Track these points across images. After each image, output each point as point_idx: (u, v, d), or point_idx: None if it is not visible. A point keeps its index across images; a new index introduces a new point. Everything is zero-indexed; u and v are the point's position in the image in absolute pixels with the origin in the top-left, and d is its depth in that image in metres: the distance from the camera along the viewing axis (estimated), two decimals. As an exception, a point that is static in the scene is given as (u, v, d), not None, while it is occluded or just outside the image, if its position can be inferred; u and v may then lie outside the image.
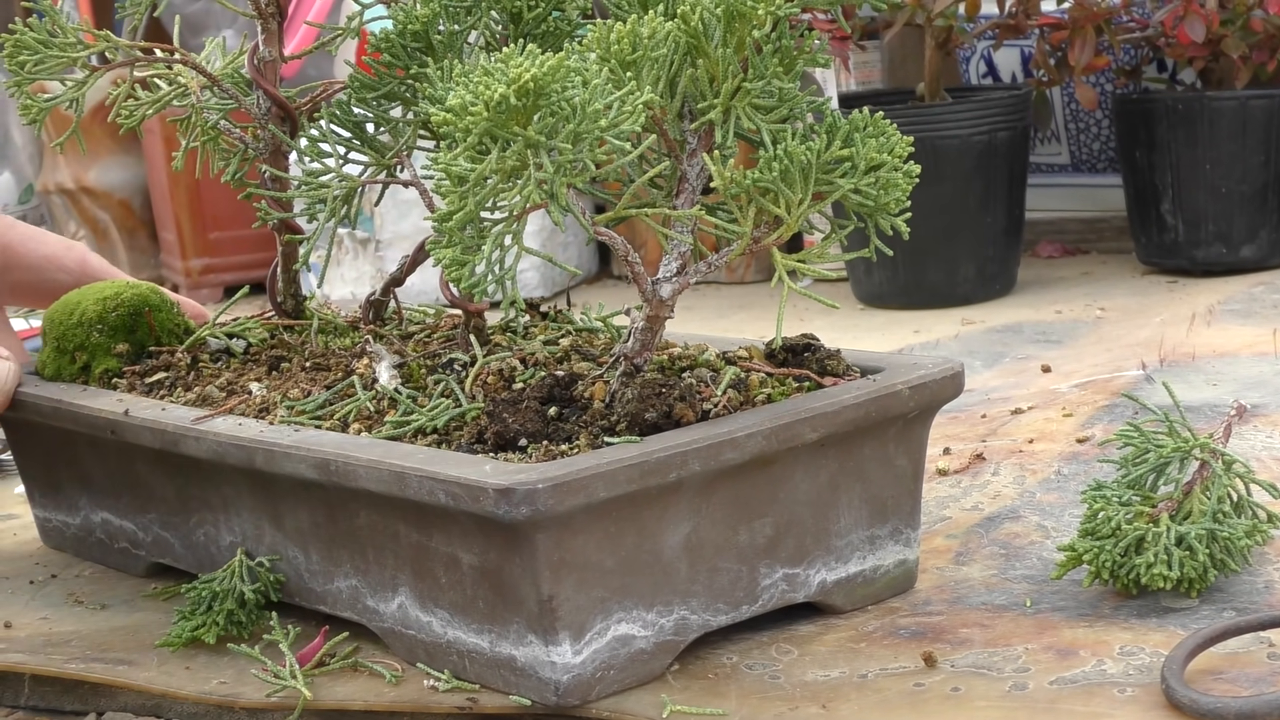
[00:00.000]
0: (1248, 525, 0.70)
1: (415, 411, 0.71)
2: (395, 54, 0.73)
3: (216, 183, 0.84)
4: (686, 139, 0.64)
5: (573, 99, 0.58)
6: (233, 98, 0.81)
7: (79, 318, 0.85)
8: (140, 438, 0.77)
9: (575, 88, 0.59)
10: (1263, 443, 0.87)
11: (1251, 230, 1.38)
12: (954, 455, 0.91)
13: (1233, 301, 1.25)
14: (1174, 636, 0.65)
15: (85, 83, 0.80)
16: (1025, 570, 0.74)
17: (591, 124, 0.59)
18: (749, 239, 0.63)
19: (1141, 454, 0.72)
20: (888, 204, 0.61)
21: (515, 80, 0.57)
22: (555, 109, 0.58)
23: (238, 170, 0.83)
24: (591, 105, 0.59)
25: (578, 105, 0.58)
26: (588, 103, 0.58)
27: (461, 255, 0.62)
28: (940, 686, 0.63)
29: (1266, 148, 1.37)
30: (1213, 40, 1.35)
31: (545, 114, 0.58)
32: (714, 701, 0.63)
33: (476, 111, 0.58)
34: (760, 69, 0.63)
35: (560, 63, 0.58)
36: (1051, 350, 1.17)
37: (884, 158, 0.61)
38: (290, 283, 0.87)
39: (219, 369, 0.82)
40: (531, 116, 0.59)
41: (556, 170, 0.59)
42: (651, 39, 0.61)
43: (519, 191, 0.59)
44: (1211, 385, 1.00)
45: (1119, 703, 0.60)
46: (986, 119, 1.37)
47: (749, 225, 0.63)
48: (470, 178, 0.59)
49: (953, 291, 1.38)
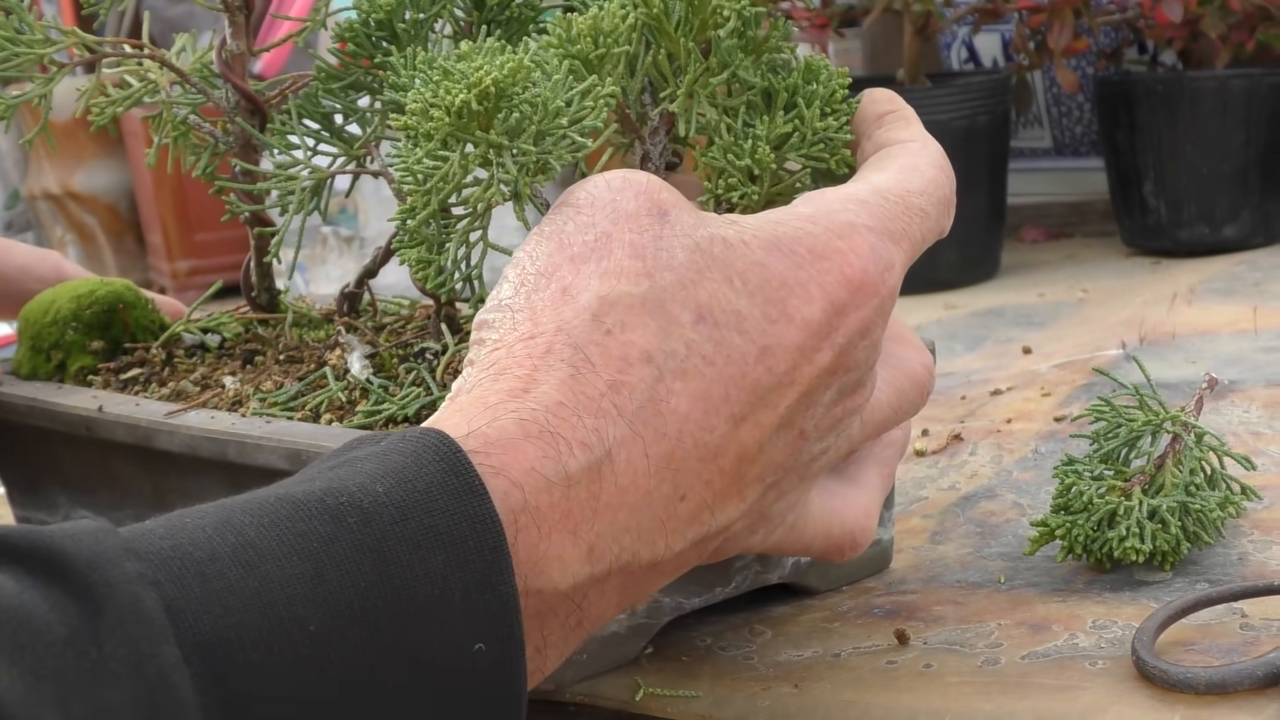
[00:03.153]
0: (1220, 498, 0.70)
1: (386, 401, 0.71)
2: (360, 43, 0.73)
3: (201, 185, 0.85)
4: (649, 117, 0.64)
5: (534, 99, 0.58)
6: (201, 92, 0.81)
7: (54, 316, 0.85)
8: (115, 434, 0.77)
9: (537, 86, 0.58)
10: (1239, 418, 0.87)
11: (1234, 210, 1.38)
12: (932, 436, 0.91)
13: (1214, 281, 1.25)
14: (1147, 609, 0.65)
15: (53, 79, 0.80)
16: (1001, 548, 0.74)
17: (553, 121, 0.59)
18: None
19: (1113, 428, 0.72)
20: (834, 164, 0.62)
21: (476, 84, 0.57)
22: (517, 110, 0.58)
23: (208, 165, 0.82)
24: (553, 103, 0.58)
25: (539, 104, 0.58)
26: (549, 100, 0.58)
27: (426, 254, 0.62)
28: (913, 663, 0.63)
29: (1247, 127, 1.37)
30: (1191, 20, 1.35)
31: (507, 115, 0.58)
32: (688, 683, 0.63)
33: (438, 117, 0.58)
34: (725, 58, 0.63)
35: (520, 64, 0.58)
36: (1033, 332, 1.17)
37: (829, 123, 0.61)
38: (264, 277, 0.86)
39: (194, 364, 0.82)
40: (493, 119, 0.59)
41: (520, 170, 0.59)
42: (613, 34, 0.61)
43: (482, 191, 0.59)
44: (1191, 363, 1.00)
45: (1090, 675, 0.60)
46: (966, 104, 1.37)
47: (710, 207, 0.63)
48: (434, 176, 0.59)
49: (935, 277, 1.38)
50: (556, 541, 0.46)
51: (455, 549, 0.44)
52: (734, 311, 0.49)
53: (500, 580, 0.44)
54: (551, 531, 0.46)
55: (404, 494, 0.44)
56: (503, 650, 0.44)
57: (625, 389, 0.47)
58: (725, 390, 0.49)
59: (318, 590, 0.42)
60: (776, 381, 0.50)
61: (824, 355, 0.51)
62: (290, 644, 0.41)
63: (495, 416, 0.47)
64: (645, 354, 0.48)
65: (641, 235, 0.50)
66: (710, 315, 0.49)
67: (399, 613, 0.43)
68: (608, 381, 0.47)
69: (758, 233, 0.51)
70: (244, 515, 0.43)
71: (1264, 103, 1.36)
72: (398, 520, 0.43)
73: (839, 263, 0.51)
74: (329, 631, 0.41)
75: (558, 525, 0.46)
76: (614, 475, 0.47)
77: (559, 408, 0.47)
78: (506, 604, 0.44)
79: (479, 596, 0.44)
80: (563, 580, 0.46)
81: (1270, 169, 1.38)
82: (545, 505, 0.46)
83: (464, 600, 0.43)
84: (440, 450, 0.45)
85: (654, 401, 0.48)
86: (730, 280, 0.50)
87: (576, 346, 0.48)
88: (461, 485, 0.44)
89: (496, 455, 0.46)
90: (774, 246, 0.51)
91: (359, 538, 0.43)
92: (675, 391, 0.48)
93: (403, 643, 0.43)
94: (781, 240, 0.51)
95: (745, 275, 0.50)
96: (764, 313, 0.50)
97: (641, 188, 0.52)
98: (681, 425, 0.48)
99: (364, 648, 0.42)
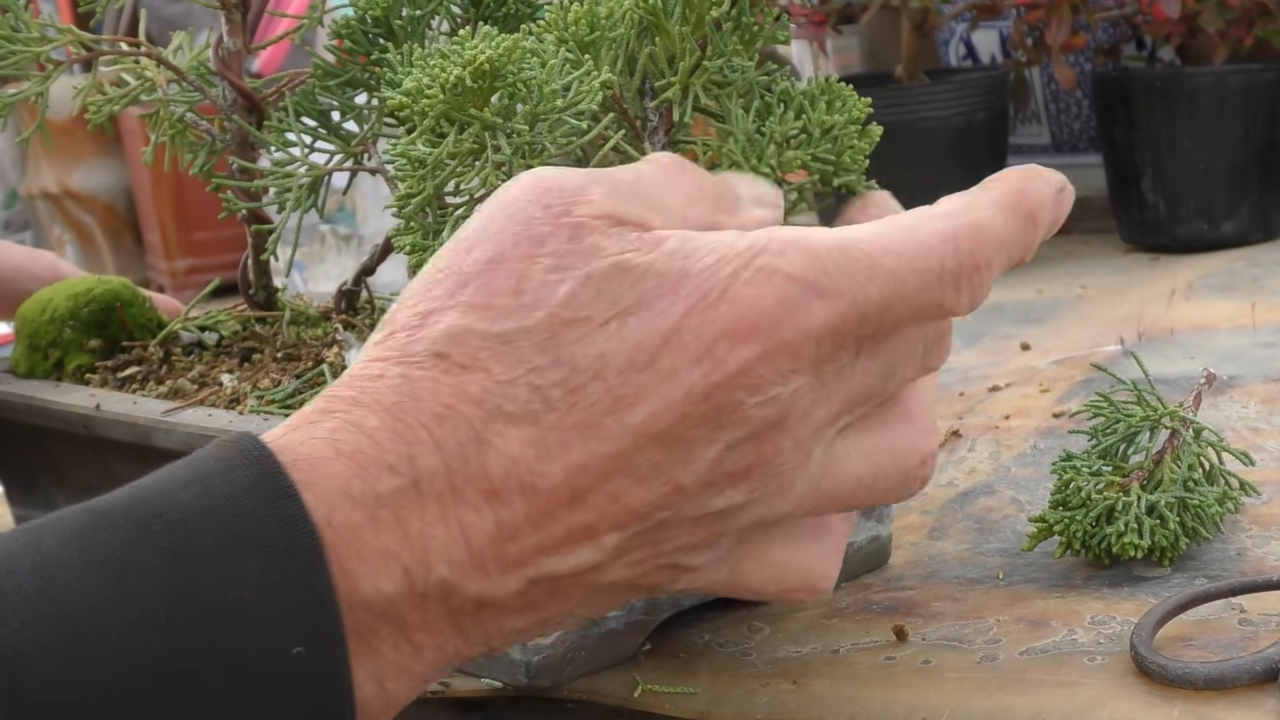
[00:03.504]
0: (1219, 493, 0.70)
1: (384, 398, 0.71)
2: (356, 40, 0.73)
3: (199, 183, 0.84)
4: (648, 116, 0.64)
5: (529, 80, 0.58)
6: (198, 90, 0.81)
7: (51, 314, 0.85)
8: (112, 432, 0.77)
9: (532, 69, 0.58)
10: (1238, 413, 0.87)
11: (1232, 206, 1.38)
12: (931, 433, 0.91)
13: (1213, 277, 1.25)
14: (1145, 605, 0.65)
15: (49, 77, 0.80)
16: (999, 544, 0.74)
17: (549, 104, 0.59)
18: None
19: (1111, 424, 0.72)
20: (844, 161, 0.61)
21: (471, 62, 0.57)
22: (512, 90, 0.58)
23: (206, 163, 0.82)
24: (549, 86, 0.58)
25: (534, 86, 0.58)
26: (545, 83, 0.58)
27: (422, 241, 0.62)
28: (911, 659, 0.63)
29: (1245, 123, 1.37)
30: (1189, 16, 1.35)
31: (502, 95, 0.58)
32: (686, 680, 0.63)
33: (433, 94, 0.58)
34: (720, 46, 0.63)
35: (516, 44, 0.58)
36: (1032, 328, 1.17)
37: (834, 119, 0.61)
38: (261, 274, 0.86)
39: (191, 362, 0.82)
40: (488, 98, 0.59)
41: (514, 152, 0.59)
42: (609, 19, 0.61)
43: (477, 174, 0.59)
44: (1189, 358, 1.00)
45: (1088, 671, 0.60)
46: (964, 100, 1.36)
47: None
48: (428, 161, 0.59)
49: (934, 274, 1.38)
50: (368, 558, 0.46)
51: (267, 552, 0.43)
52: (598, 356, 0.48)
53: (316, 581, 0.44)
54: (362, 549, 0.46)
55: (212, 500, 0.44)
56: (325, 653, 0.44)
57: (448, 424, 0.47)
58: (564, 437, 0.47)
59: (119, 599, 0.42)
60: (629, 431, 0.48)
61: (692, 408, 0.48)
62: (91, 654, 0.41)
63: (311, 434, 0.47)
64: (479, 394, 0.47)
65: (531, 264, 0.49)
66: (569, 360, 0.48)
67: (210, 617, 0.42)
68: (432, 414, 0.47)
69: (669, 265, 0.49)
70: (49, 530, 0.43)
71: (1262, 98, 1.36)
72: (205, 526, 0.43)
73: (730, 311, 0.48)
74: (133, 640, 0.41)
75: (367, 543, 0.46)
76: (421, 504, 0.47)
77: (375, 431, 0.47)
78: (324, 605, 0.44)
79: (295, 598, 0.43)
80: (376, 597, 0.46)
81: (1268, 165, 1.38)
82: (352, 522, 0.45)
83: (280, 602, 0.43)
84: (251, 455, 0.45)
85: (479, 441, 0.47)
86: (607, 323, 0.48)
87: (408, 378, 0.48)
88: (273, 489, 0.44)
89: (304, 469, 0.46)
90: (675, 284, 0.48)
91: (164, 545, 0.43)
92: (505, 434, 0.47)
93: (217, 647, 0.42)
94: (686, 277, 0.49)
95: (627, 314, 0.48)
96: (630, 359, 0.48)
97: (554, 199, 0.50)
98: (509, 467, 0.47)
99: (172, 654, 0.42)
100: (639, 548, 0.49)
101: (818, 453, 0.51)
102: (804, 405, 0.49)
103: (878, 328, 0.50)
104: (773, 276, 0.48)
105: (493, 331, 0.48)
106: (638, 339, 0.48)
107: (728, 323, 0.48)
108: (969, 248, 0.51)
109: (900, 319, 0.50)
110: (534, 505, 0.47)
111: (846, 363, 0.51)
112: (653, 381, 0.48)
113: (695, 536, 0.50)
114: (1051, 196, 0.54)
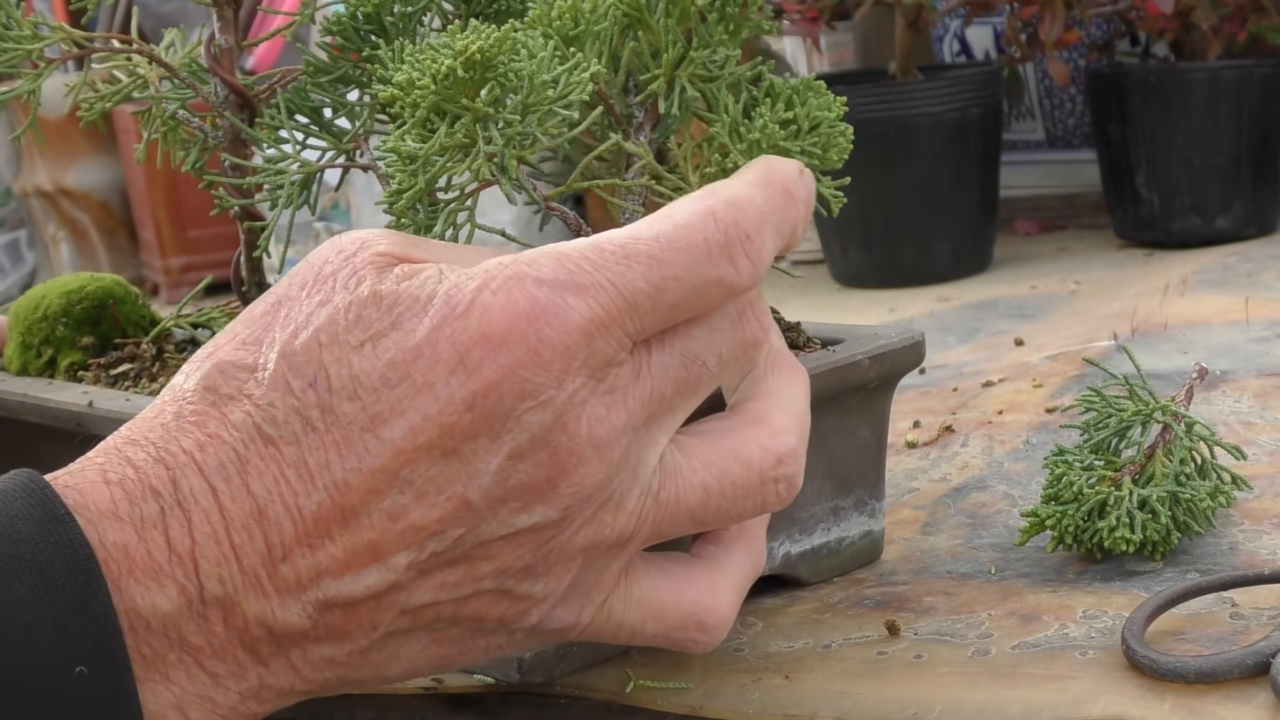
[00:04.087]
0: (1210, 487, 0.70)
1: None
2: (348, 36, 0.73)
3: (193, 181, 0.84)
4: (633, 113, 0.64)
5: (520, 70, 0.58)
6: (190, 87, 0.81)
7: (44, 312, 0.85)
8: (105, 429, 0.76)
9: (522, 60, 0.58)
10: (1230, 407, 0.87)
11: (1226, 201, 1.38)
12: (923, 428, 0.91)
13: (1206, 272, 1.25)
14: (1137, 599, 0.65)
15: (41, 74, 0.80)
16: (991, 539, 0.74)
17: (540, 95, 0.59)
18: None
19: (1103, 419, 0.72)
20: (831, 158, 0.61)
21: (462, 52, 0.57)
22: (503, 81, 0.58)
23: (198, 160, 0.82)
24: (539, 77, 0.58)
25: (525, 77, 0.58)
26: (535, 74, 0.58)
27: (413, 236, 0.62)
28: (903, 654, 0.63)
29: (1239, 119, 1.37)
30: (1182, 12, 1.35)
31: (493, 86, 0.58)
32: (678, 675, 0.63)
33: (424, 85, 0.58)
34: (705, 37, 0.63)
35: (507, 34, 0.58)
36: (1025, 324, 1.17)
37: (824, 114, 0.61)
38: (254, 271, 0.86)
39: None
40: (479, 89, 0.59)
41: (506, 143, 0.59)
42: (593, 13, 0.61)
43: (469, 166, 0.59)
44: (1182, 353, 1.00)
45: (1080, 665, 0.60)
46: (958, 96, 1.36)
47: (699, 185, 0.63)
48: (419, 155, 0.59)
49: (929, 270, 1.38)
50: (140, 577, 0.46)
51: (42, 574, 0.44)
52: (352, 376, 0.48)
53: (94, 600, 0.45)
54: (134, 568, 0.46)
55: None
56: (107, 671, 0.44)
57: (210, 449, 0.48)
58: (325, 457, 0.48)
59: None
60: (389, 447, 0.48)
61: (455, 418, 0.47)
62: None
63: (84, 468, 0.48)
64: (240, 420, 0.48)
65: (307, 300, 0.50)
66: (324, 381, 0.48)
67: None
68: (195, 442, 0.48)
69: (420, 289, 0.49)
70: None
71: (1256, 94, 1.36)
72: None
73: (480, 319, 0.48)
74: None
75: (139, 562, 0.46)
76: (189, 524, 0.47)
77: (142, 462, 0.48)
78: (104, 625, 0.45)
79: (73, 618, 0.44)
80: (154, 615, 0.46)
81: (1262, 160, 1.38)
82: (122, 540, 0.46)
83: (57, 624, 0.44)
84: (27, 487, 0.46)
85: (241, 462, 0.48)
86: (362, 345, 0.48)
87: (178, 414, 0.49)
88: (46, 515, 0.45)
89: (74, 495, 0.47)
90: (425, 303, 0.49)
91: None
92: (266, 455, 0.48)
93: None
94: (435, 296, 0.49)
95: (380, 336, 0.48)
96: (383, 376, 0.48)
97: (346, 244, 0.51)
98: (272, 487, 0.48)
99: None
100: (444, 569, 0.49)
101: (650, 462, 0.51)
102: (592, 409, 0.49)
103: (656, 316, 0.50)
104: (522, 282, 0.48)
105: (258, 362, 0.49)
106: (390, 357, 0.48)
107: (479, 330, 0.48)
108: (730, 218, 0.51)
109: (679, 301, 0.50)
110: (302, 526, 0.48)
111: (639, 362, 0.50)
112: (407, 396, 0.48)
113: (516, 559, 0.49)
114: (795, 174, 0.55)
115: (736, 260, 0.51)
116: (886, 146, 1.35)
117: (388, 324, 0.49)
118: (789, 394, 0.55)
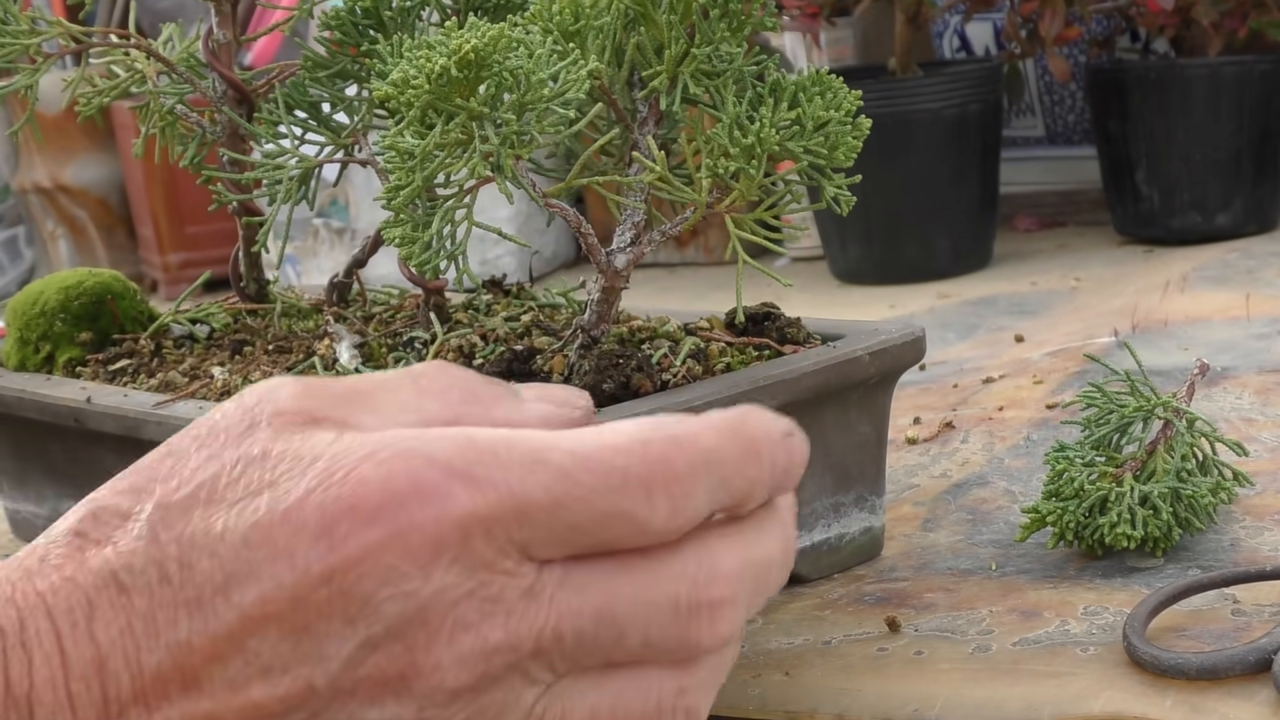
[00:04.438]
0: (1212, 483, 0.70)
1: (375, 390, 0.70)
2: (346, 31, 0.73)
3: (191, 177, 0.84)
4: (637, 107, 0.64)
5: (516, 69, 0.58)
6: (188, 82, 0.81)
7: (41, 307, 0.85)
8: (103, 425, 0.76)
9: (519, 58, 0.58)
10: (1231, 404, 0.87)
11: (1226, 198, 1.38)
12: (924, 424, 0.91)
13: (1207, 268, 1.25)
14: (1138, 596, 0.64)
15: (39, 69, 0.79)
16: (992, 535, 0.74)
17: (536, 94, 0.58)
18: (704, 206, 0.63)
19: (1105, 415, 0.71)
20: (838, 157, 0.61)
21: (456, 51, 0.57)
22: (499, 80, 0.58)
23: (196, 155, 0.82)
24: (535, 75, 0.58)
25: (521, 75, 0.58)
26: (531, 73, 0.58)
27: (411, 232, 0.62)
28: (904, 650, 0.63)
29: (1239, 115, 1.37)
30: (1183, 8, 1.35)
31: (489, 85, 0.58)
32: (678, 672, 0.63)
33: (419, 84, 0.58)
34: (708, 34, 0.63)
35: (502, 33, 0.58)
36: (1025, 321, 1.17)
37: (830, 114, 0.60)
38: (252, 267, 0.86)
39: (182, 355, 0.82)
40: (475, 88, 0.58)
41: (502, 142, 0.58)
42: (594, 8, 0.60)
43: (465, 164, 0.59)
44: (1183, 350, 1.00)
45: (1081, 661, 0.60)
46: (957, 92, 1.36)
47: (704, 194, 0.63)
48: (417, 152, 0.59)
49: (929, 266, 1.38)
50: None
51: None
52: (218, 534, 0.45)
53: None
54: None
55: None
56: None
57: (63, 593, 0.46)
58: (174, 615, 0.45)
59: None
60: (238, 612, 0.45)
61: (310, 591, 0.44)
62: None
63: None
64: (98, 565, 0.47)
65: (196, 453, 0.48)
66: (189, 537, 0.46)
67: None
68: (50, 584, 0.47)
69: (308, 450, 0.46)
70: None
71: (1256, 90, 1.36)
72: None
73: (356, 489, 0.44)
74: None
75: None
76: (30, 664, 0.46)
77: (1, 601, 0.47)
78: None
79: None
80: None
81: (1263, 156, 1.38)
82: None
83: None
84: None
85: (90, 607, 0.46)
86: (236, 503, 0.46)
87: (44, 559, 0.48)
88: None
89: None
90: (307, 466, 0.45)
91: None
92: (116, 604, 0.46)
93: None
94: (319, 459, 0.46)
95: (255, 495, 0.46)
96: (245, 537, 0.45)
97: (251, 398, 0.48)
98: (116, 638, 0.46)
99: None
100: None
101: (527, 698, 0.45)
102: (463, 613, 0.44)
103: (550, 533, 0.44)
104: (410, 459, 0.44)
105: (134, 510, 0.47)
106: (257, 518, 0.45)
107: (350, 502, 0.44)
108: (661, 453, 0.45)
109: (578, 525, 0.45)
110: (140, 683, 0.45)
111: (538, 584, 0.45)
112: (266, 560, 0.45)
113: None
114: (776, 434, 0.48)
115: (654, 498, 0.45)
116: (886, 143, 1.35)
117: (265, 483, 0.45)
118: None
